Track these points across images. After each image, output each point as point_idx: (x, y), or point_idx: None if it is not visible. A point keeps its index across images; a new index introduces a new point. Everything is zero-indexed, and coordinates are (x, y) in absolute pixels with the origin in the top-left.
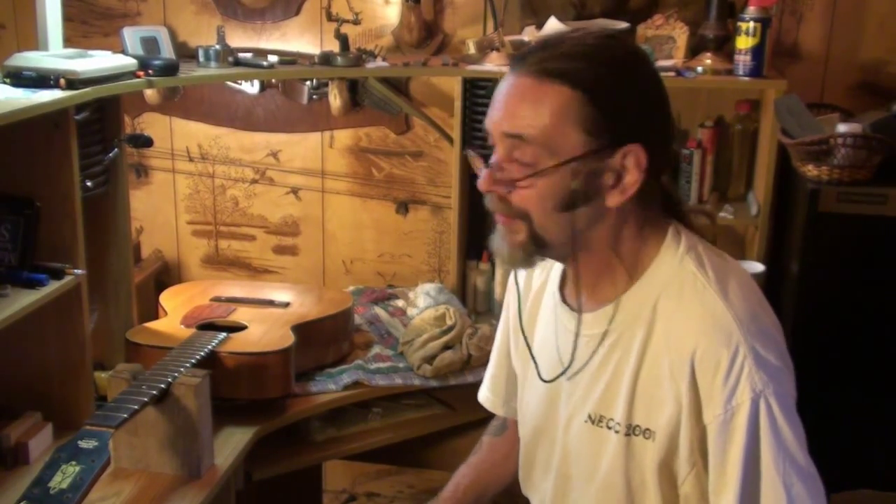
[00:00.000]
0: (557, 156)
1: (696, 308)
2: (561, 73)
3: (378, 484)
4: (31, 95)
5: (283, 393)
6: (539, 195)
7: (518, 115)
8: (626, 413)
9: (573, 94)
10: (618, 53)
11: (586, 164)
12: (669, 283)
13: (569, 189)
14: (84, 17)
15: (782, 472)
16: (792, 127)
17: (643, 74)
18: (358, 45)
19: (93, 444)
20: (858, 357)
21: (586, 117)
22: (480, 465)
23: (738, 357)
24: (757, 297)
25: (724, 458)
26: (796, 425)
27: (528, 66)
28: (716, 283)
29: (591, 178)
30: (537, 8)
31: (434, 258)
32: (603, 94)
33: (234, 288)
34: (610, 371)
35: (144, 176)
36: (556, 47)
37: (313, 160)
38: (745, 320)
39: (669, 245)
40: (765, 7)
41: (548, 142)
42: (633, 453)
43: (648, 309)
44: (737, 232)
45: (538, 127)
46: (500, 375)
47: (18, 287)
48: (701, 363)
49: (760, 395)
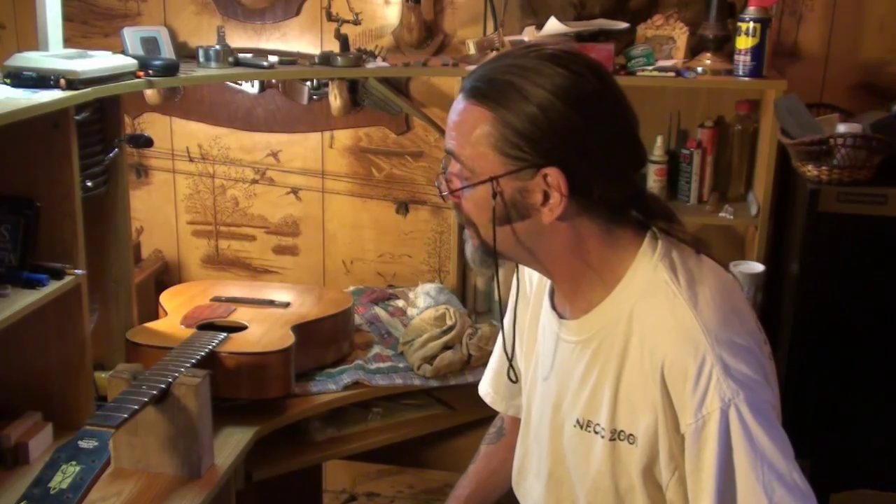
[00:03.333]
0: (477, 174)
1: (667, 317)
2: (482, 95)
3: (378, 484)
4: (31, 95)
5: (283, 393)
6: (474, 208)
7: (451, 133)
8: (610, 418)
9: (490, 117)
10: (543, 76)
11: (507, 183)
12: (644, 290)
13: (488, 206)
14: (84, 17)
15: (762, 479)
16: (792, 127)
17: (567, 98)
18: (358, 45)
19: (93, 444)
20: (858, 357)
21: (501, 139)
22: (479, 473)
23: (705, 366)
24: (731, 305)
25: (699, 466)
26: (774, 433)
27: (464, 86)
28: (686, 291)
29: (517, 197)
30: (537, 8)
31: (434, 258)
32: (517, 118)
33: (234, 288)
34: (594, 377)
35: (144, 176)
36: (490, 68)
37: (313, 160)
38: (714, 329)
39: (645, 252)
40: (765, 7)
41: (469, 160)
42: (619, 458)
43: (625, 316)
44: (737, 232)
45: (462, 145)
46: (503, 372)
47: (18, 287)
48: (670, 373)
49: (730, 404)
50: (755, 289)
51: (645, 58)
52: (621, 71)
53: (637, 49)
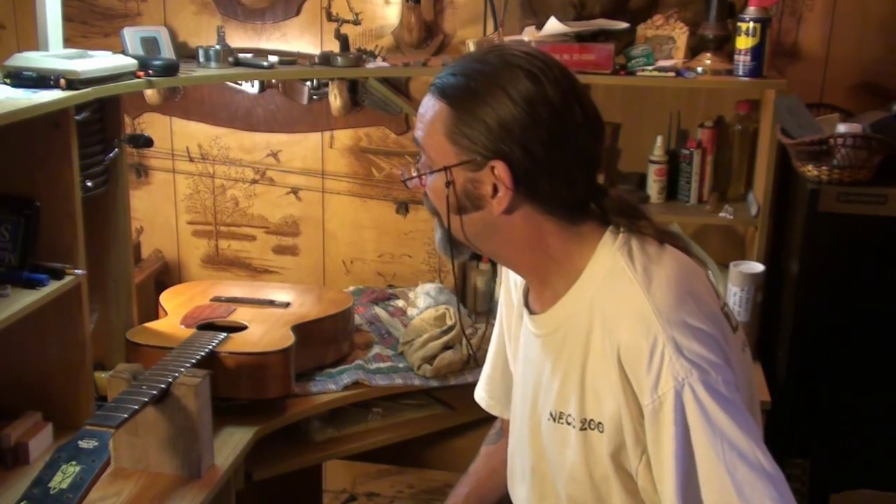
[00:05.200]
0: (434, 163)
1: (622, 302)
2: (441, 89)
3: (378, 484)
4: (32, 95)
5: (283, 393)
6: (434, 196)
7: (417, 124)
8: (579, 408)
9: (445, 109)
10: (500, 76)
11: (459, 173)
12: (603, 278)
13: (444, 194)
14: (84, 17)
15: (723, 457)
16: (792, 127)
17: (518, 98)
18: (358, 45)
19: (93, 444)
20: (858, 357)
21: (452, 130)
22: (479, 473)
23: (657, 347)
24: (687, 288)
25: (659, 447)
26: (735, 412)
27: (433, 82)
28: (641, 275)
29: (469, 187)
30: (537, 8)
31: (434, 258)
32: (466, 110)
33: (234, 288)
34: (562, 369)
35: (144, 176)
36: (455, 66)
37: (313, 160)
38: (665, 310)
39: (605, 242)
40: (765, 7)
41: (428, 150)
42: (592, 447)
43: (587, 306)
44: (737, 232)
45: (424, 135)
46: (496, 375)
47: (18, 287)
48: (626, 355)
49: (684, 384)
50: (755, 289)
51: (645, 58)
52: (621, 71)
53: (637, 49)
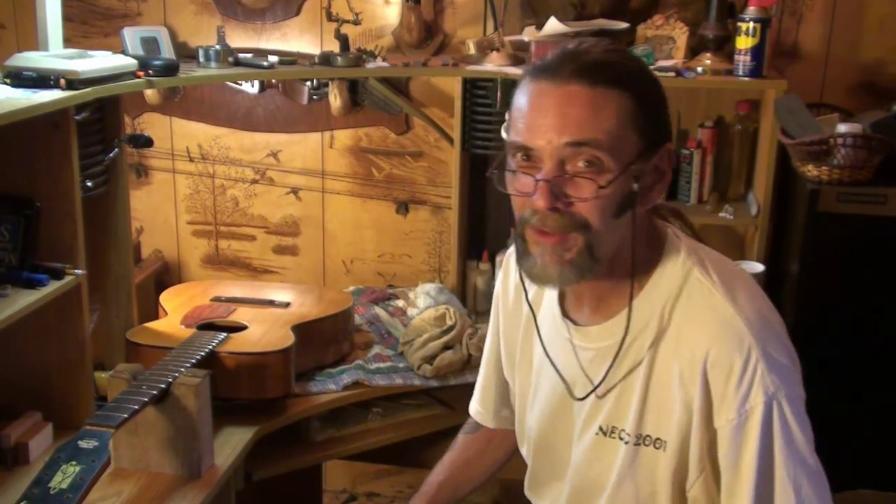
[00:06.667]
0: (621, 160)
1: (706, 313)
2: (610, 79)
3: (378, 484)
4: (32, 95)
5: (283, 393)
6: (606, 201)
7: (582, 122)
8: (637, 423)
9: (627, 97)
10: (637, 60)
11: (640, 165)
12: (675, 289)
13: (628, 192)
14: (84, 17)
15: (793, 474)
16: (792, 127)
17: (656, 78)
18: (358, 45)
19: (93, 444)
20: (858, 357)
21: (638, 119)
22: (455, 462)
23: (750, 361)
24: (763, 299)
25: (738, 461)
26: (806, 426)
27: (569, 74)
28: (722, 287)
29: (642, 180)
30: (537, 8)
31: (434, 258)
32: (646, 96)
33: (234, 288)
34: (621, 383)
35: (144, 176)
36: (587, 56)
37: (313, 160)
38: (756, 323)
39: (670, 250)
40: (765, 7)
41: (614, 146)
42: (642, 463)
43: (656, 317)
44: (737, 232)
45: (605, 131)
46: (490, 387)
47: (18, 287)
48: (713, 368)
49: (773, 398)
50: None
51: (645, 58)
52: None
53: (637, 49)
